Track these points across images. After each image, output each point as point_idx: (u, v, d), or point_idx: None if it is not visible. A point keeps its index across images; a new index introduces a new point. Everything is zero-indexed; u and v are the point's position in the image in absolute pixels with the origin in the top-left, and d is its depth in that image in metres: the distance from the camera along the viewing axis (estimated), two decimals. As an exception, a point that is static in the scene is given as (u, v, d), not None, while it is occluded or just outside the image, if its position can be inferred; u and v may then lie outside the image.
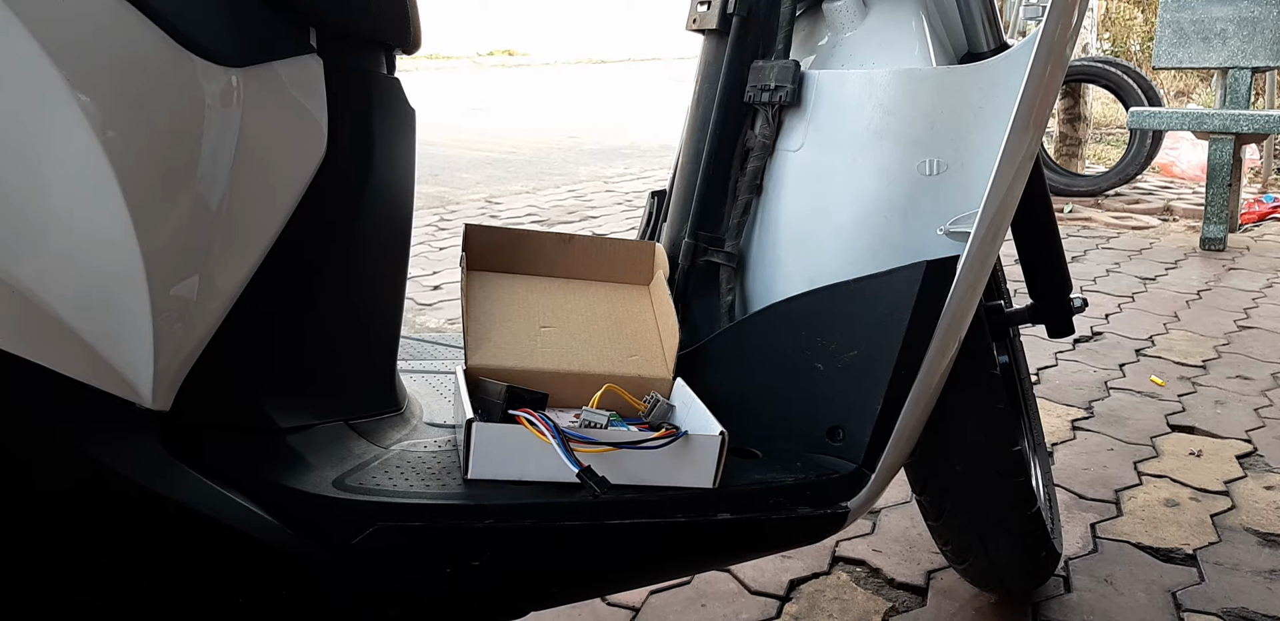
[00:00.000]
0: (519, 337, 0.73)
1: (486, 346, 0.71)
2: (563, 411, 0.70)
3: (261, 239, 0.57)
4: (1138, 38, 7.14)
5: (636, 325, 0.77)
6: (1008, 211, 0.68)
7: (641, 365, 0.74)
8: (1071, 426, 1.59)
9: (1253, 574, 1.14)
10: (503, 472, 0.59)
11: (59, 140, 0.47)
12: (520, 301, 0.76)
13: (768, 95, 0.76)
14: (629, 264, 0.80)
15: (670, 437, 0.60)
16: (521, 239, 0.79)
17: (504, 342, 0.72)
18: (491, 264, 0.78)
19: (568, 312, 0.76)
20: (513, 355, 0.71)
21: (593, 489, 0.55)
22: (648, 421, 0.68)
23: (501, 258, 0.78)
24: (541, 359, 0.71)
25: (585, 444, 0.58)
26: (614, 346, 0.75)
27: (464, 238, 0.77)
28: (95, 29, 0.48)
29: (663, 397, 0.70)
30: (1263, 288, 2.53)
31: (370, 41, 0.64)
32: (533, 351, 0.72)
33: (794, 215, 0.78)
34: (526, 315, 0.75)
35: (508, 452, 0.58)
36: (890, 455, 0.67)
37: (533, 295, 0.77)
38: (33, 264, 0.46)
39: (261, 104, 0.55)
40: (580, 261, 0.80)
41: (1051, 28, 0.64)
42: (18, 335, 0.46)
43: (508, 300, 0.76)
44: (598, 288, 0.80)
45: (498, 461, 0.58)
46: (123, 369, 0.50)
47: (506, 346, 0.72)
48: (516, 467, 0.59)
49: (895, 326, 0.65)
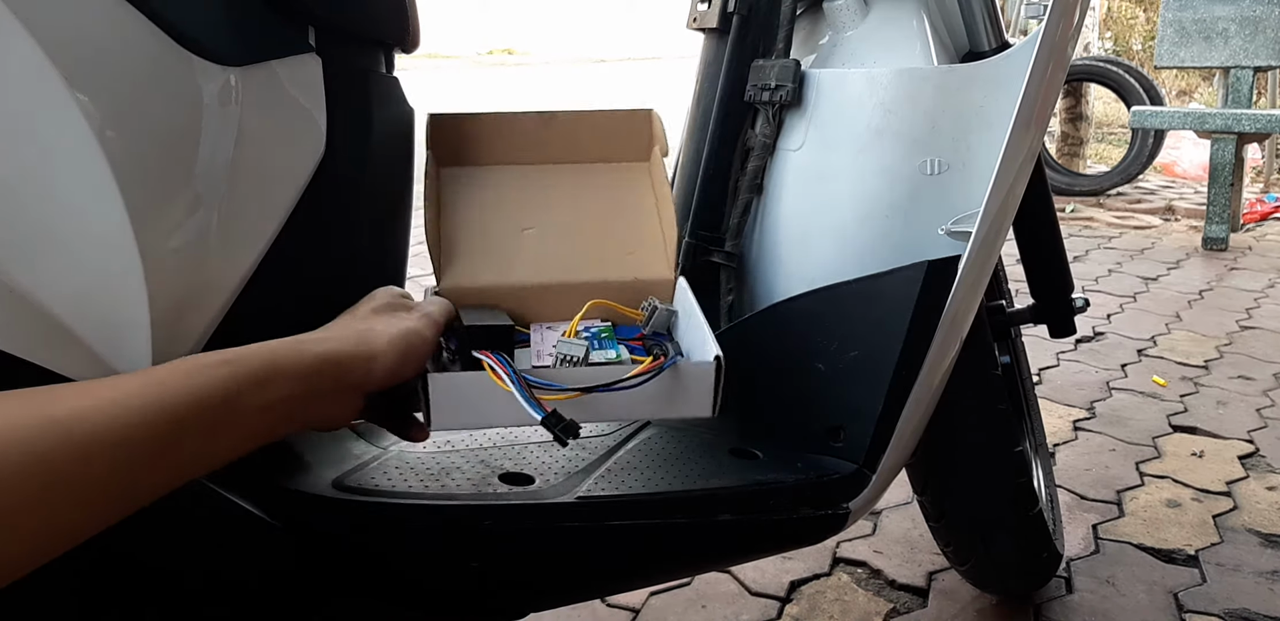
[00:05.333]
0: (496, 246, 0.64)
1: (458, 262, 0.63)
2: (551, 328, 0.63)
3: (260, 238, 0.57)
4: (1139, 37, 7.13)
5: (634, 215, 0.67)
6: (1009, 211, 0.68)
7: (640, 265, 0.65)
8: (1073, 427, 1.58)
9: (1255, 575, 1.14)
10: (467, 422, 0.55)
11: (57, 139, 0.46)
12: (497, 200, 0.66)
13: (768, 94, 0.76)
14: (623, 138, 0.69)
15: (651, 372, 0.53)
16: (496, 124, 0.67)
17: (479, 255, 0.63)
18: (463, 157, 0.67)
19: (553, 208, 0.67)
20: (489, 269, 0.63)
21: (559, 438, 0.51)
22: (644, 331, 0.62)
23: (474, 149, 0.67)
24: (523, 270, 0.63)
25: (550, 391, 0.52)
26: (608, 244, 0.66)
27: (428, 130, 0.66)
28: (93, 28, 0.47)
29: (661, 303, 0.62)
30: (1265, 287, 2.53)
31: (369, 40, 0.64)
32: (513, 262, 0.64)
33: (795, 215, 0.78)
34: (504, 217, 0.65)
35: (469, 401, 0.53)
36: (891, 455, 0.67)
37: (512, 191, 0.67)
38: (30, 263, 0.46)
39: (260, 103, 0.55)
40: (567, 142, 0.69)
41: (1053, 27, 0.64)
42: (14, 334, 0.45)
43: (482, 201, 0.66)
44: (588, 171, 0.69)
45: (460, 411, 0.54)
46: (121, 368, 0.50)
47: (482, 259, 0.63)
48: (480, 416, 0.54)
49: (896, 326, 0.65)
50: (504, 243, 0.64)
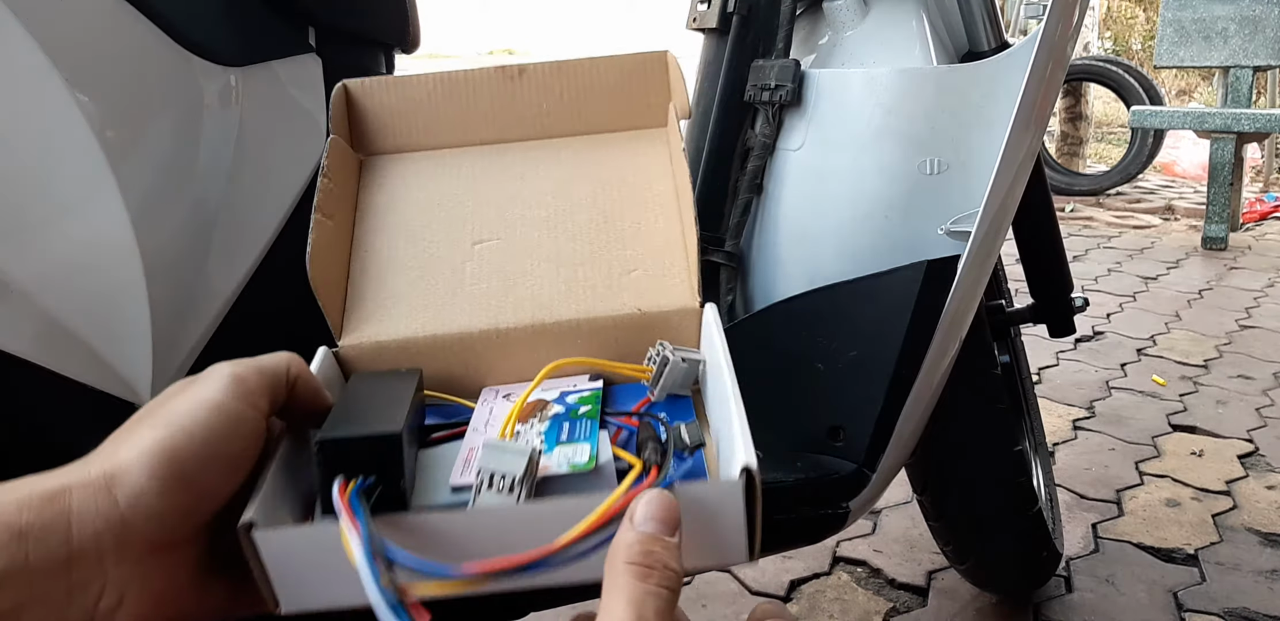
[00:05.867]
0: (432, 272, 0.43)
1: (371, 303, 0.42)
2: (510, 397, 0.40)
3: (261, 238, 0.57)
4: (1139, 36, 7.13)
5: (639, 210, 0.46)
6: (1009, 211, 0.68)
7: (648, 288, 0.43)
8: (1073, 426, 1.58)
9: (1254, 574, 1.14)
10: (322, 600, 0.30)
11: (57, 139, 0.46)
12: (438, 200, 0.46)
13: (768, 94, 0.76)
14: (626, 96, 0.48)
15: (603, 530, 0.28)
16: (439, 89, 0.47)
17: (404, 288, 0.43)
18: (389, 141, 0.48)
19: (521, 206, 0.46)
20: (418, 309, 0.42)
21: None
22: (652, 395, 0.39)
23: (406, 128, 0.48)
24: (471, 308, 0.42)
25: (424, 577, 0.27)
26: (600, 258, 0.44)
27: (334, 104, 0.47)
28: (94, 28, 0.48)
29: (677, 350, 0.39)
30: (1264, 287, 2.53)
31: (369, 41, 0.64)
32: (455, 295, 0.42)
33: (794, 214, 0.78)
34: (448, 225, 0.45)
35: (316, 572, 0.29)
36: (891, 455, 0.67)
37: (461, 185, 0.46)
38: (31, 263, 0.46)
39: (261, 103, 0.55)
40: (544, 107, 0.48)
41: (1052, 26, 0.64)
42: (15, 334, 0.45)
43: (414, 202, 0.46)
44: (574, 148, 0.48)
45: (310, 585, 0.30)
46: (121, 369, 0.50)
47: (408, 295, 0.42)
48: (334, 594, 0.30)
49: (896, 326, 0.65)
50: (444, 266, 0.44)
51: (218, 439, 0.29)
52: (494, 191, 0.47)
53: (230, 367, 0.32)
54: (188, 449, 0.29)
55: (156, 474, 0.28)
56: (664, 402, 0.39)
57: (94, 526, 0.27)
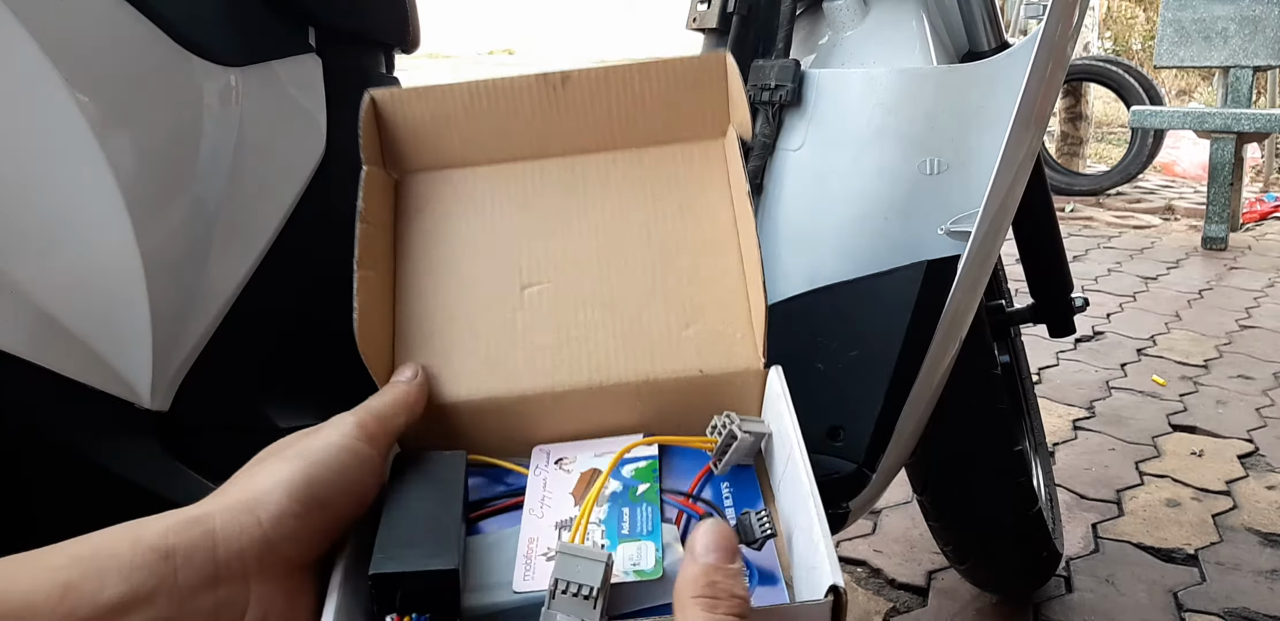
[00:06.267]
0: (480, 324, 0.40)
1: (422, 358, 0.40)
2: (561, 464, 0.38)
3: (261, 238, 0.57)
4: (1139, 36, 7.13)
5: (699, 247, 0.42)
6: (1009, 211, 0.68)
7: (706, 347, 0.39)
8: (1073, 426, 1.58)
9: (1254, 574, 1.14)
10: None
11: (57, 140, 0.46)
12: (485, 234, 0.42)
13: (768, 94, 0.76)
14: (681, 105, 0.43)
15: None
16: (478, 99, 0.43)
17: (449, 343, 0.40)
18: (423, 158, 0.44)
19: (570, 240, 0.42)
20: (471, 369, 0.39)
21: None
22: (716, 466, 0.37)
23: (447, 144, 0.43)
24: (523, 368, 0.39)
25: None
26: (656, 310, 0.40)
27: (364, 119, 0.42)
28: (94, 28, 0.47)
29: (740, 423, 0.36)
30: (1264, 287, 2.53)
31: (369, 41, 0.64)
32: (509, 352, 0.40)
33: (794, 214, 0.78)
34: (495, 264, 0.41)
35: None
36: (891, 455, 0.67)
37: (508, 212, 0.42)
38: (31, 263, 0.46)
39: (260, 103, 0.55)
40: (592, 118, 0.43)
41: (1052, 26, 0.64)
42: (15, 334, 0.45)
43: (461, 236, 0.42)
44: (629, 165, 0.44)
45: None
46: (121, 368, 0.50)
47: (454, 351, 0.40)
48: None
49: (896, 326, 0.65)
50: (493, 317, 0.40)
51: (349, 474, 0.32)
52: (540, 218, 0.43)
53: (353, 417, 0.36)
54: (323, 479, 0.31)
55: (297, 497, 0.30)
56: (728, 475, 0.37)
57: (239, 544, 0.29)
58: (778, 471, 0.37)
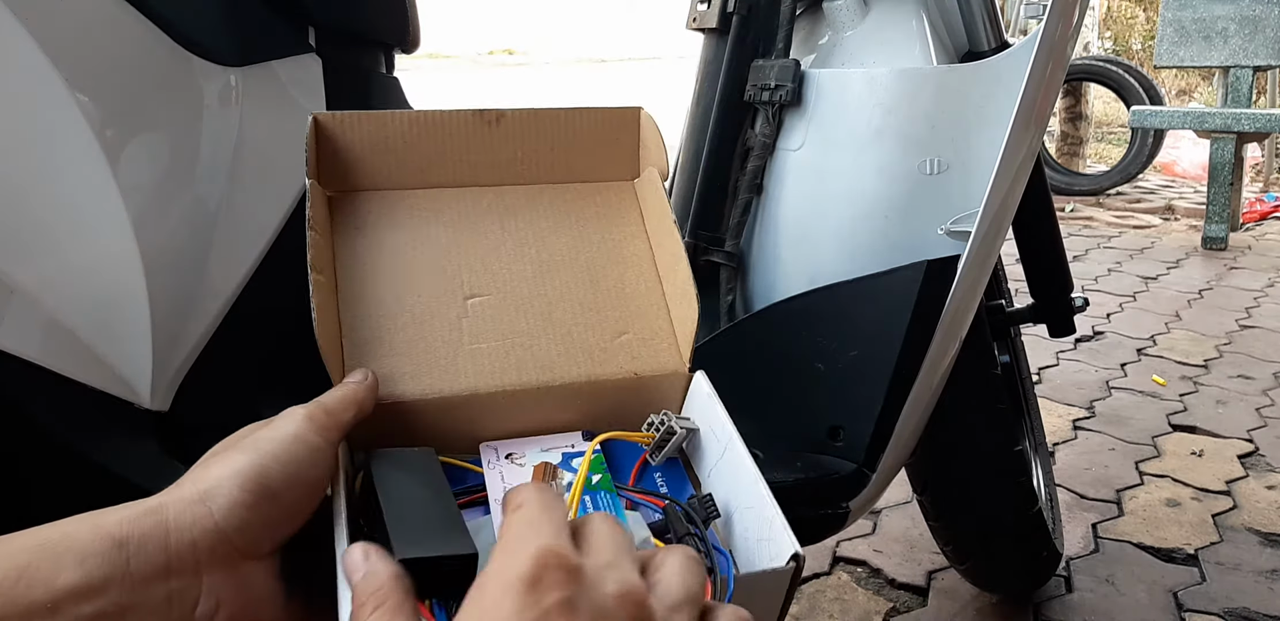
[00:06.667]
0: (427, 329, 0.43)
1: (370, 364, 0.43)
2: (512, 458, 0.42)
3: (261, 238, 0.57)
4: (1139, 36, 7.13)
5: (622, 268, 0.48)
6: (1009, 210, 0.68)
7: (638, 353, 0.45)
8: (1073, 426, 1.58)
9: (1254, 574, 1.14)
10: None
11: (57, 140, 0.46)
12: (426, 249, 0.46)
13: (768, 94, 0.76)
14: (601, 148, 0.49)
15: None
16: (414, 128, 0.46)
17: (400, 346, 0.43)
18: (366, 179, 0.46)
19: (508, 258, 0.46)
20: (420, 369, 0.42)
21: None
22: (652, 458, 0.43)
23: (385, 167, 0.46)
24: (469, 369, 0.43)
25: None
26: (589, 320, 0.46)
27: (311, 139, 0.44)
28: (94, 28, 0.47)
29: (675, 418, 0.43)
30: (1264, 287, 2.53)
31: (369, 41, 0.64)
32: (454, 354, 0.43)
33: (794, 214, 0.78)
34: (438, 276, 0.45)
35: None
36: (891, 455, 0.67)
37: (447, 231, 0.46)
38: (31, 263, 0.46)
39: (261, 103, 0.55)
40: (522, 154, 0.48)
41: (1052, 26, 0.64)
42: (15, 334, 0.45)
43: (401, 248, 0.45)
44: (554, 198, 0.49)
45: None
46: (121, 369, 0.50)
47: (405, 353, 0.43)
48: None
49: (896, 326, 0.65)
50: (439, 321, 0.44)
51: (300, 465, 0.33)
52: (476, 239, 0.47)
53: (303, 409, 0.36)
54: (276, 469, 0.32)
55: (248, 488, 0.31)
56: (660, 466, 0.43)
57: (190, 534, 0.30)
58: (708, 462, 0.42)
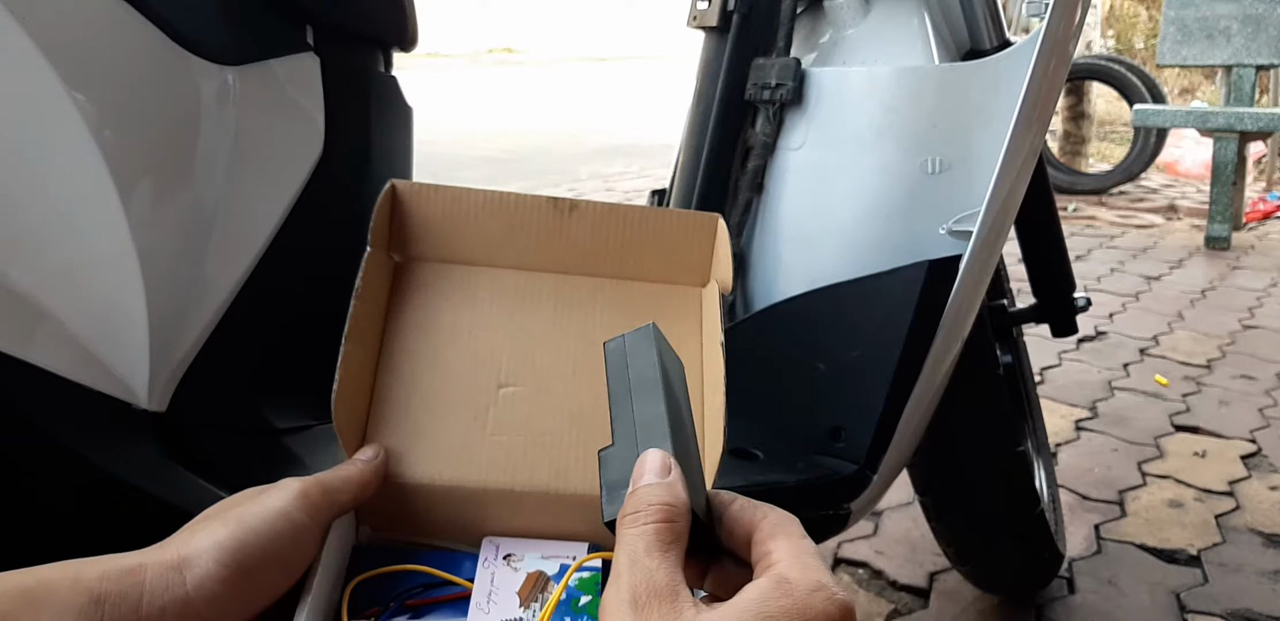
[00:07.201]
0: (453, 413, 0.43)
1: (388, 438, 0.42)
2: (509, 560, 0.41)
3: (258, 238, 0.56)
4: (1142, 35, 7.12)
5: None
6: (1011, 210, 0.68)
7: None
8: (1075, 426, 1.58)
9: (1257, 575, 1.14)
10: None
11: (54, 139, 0.46)
12: (473, 330, 0.45)
13: (769, 93, 0.76)
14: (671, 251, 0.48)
15: None
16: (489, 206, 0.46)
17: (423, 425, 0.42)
18: (436, 251, 0.47)
19: (552, 351, 0.45)
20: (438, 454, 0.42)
21: None
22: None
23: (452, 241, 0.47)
24: (486, 461, 0.42)
25: None
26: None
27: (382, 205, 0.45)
28: (91, 27, 0.47)
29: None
30: (1267, 286, 2.52)
31: (367, 39, 0.64)
32: (474, 444, 0.42)
33: (795, 214, 0.77)
34: (477, 360, 0.44)
35: None
36: (892, 456, 0.67)
37: (499, 314, 0.46)
38: (28, 264, 0.46)
39: (258, 102, 0.55)
40: (591, 246, 0.48)
41: (1055, 25, 0.63)
42: (13, 335, 0.45)
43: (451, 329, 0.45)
44: (614, 293, 0.48)
45: None
46: (118, 369, 0.50)
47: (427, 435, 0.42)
48: None
49: (897, 326, 0.65)
50: (467, 407, 0.43)
51: (281, 542, 0.33)
52: (525, 327, 0.46)
53: (300, 484, 0.36)
54: (254, 546, 0.32)
55: (223, 562, 0.31)
56: None
57: (162, 601, 0.30)
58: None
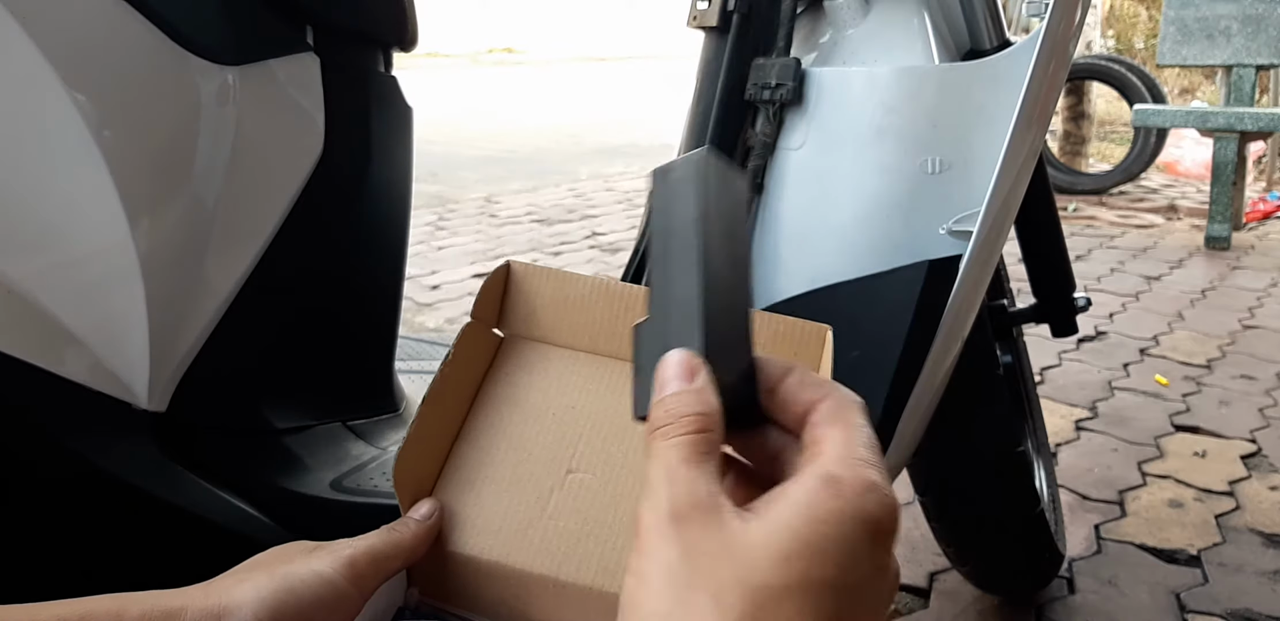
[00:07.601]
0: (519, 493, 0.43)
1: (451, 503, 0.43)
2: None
3: (258, 238, 0.56)
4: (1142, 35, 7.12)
5: None
6: (1011, 210, 0.68)
7: None
8: (1075, 426, 1.58)
9: (1257, 575, 1.14)
10: None
11: (54, 139, 0.46)
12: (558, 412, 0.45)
13: (768, 93, 0.76)
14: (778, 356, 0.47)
15: None
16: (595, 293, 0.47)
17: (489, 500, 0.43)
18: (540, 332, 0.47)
19: (628, 443, 0.45)
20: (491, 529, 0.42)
21: None
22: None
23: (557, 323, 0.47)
24: (540, 548, 0.42)
25: None
26: None
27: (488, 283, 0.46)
28: (91, 27, 0.47)
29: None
30: (1267, 286, 2.52)
31: (367, 39, 0.64)
32: (530, 525, 0.42)
33: (795, 214, 0.77)
34: (554, 442, 0.45)
35: None
36: (892, 456, 0.67)
37: (586, 399, 0.46)
38: (29, 264, 0.46)
39: (258, 102, 0.55)
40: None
41: (1055, 25, 0.63)
42: (14, 336, 0.45)
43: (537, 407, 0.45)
44: None
45: None
46: (119, 370, 0.50)
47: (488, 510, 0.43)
48: None
49: (897, 326, 0.65)
50: (533, 488, 0.43)
51: (321, 606, 0.33)
52: (608, 415, 0.46)
53: (350, 551, 0.36)
54: (293, 607, 0.33)
55: (261, 618, 0.32)
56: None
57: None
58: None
